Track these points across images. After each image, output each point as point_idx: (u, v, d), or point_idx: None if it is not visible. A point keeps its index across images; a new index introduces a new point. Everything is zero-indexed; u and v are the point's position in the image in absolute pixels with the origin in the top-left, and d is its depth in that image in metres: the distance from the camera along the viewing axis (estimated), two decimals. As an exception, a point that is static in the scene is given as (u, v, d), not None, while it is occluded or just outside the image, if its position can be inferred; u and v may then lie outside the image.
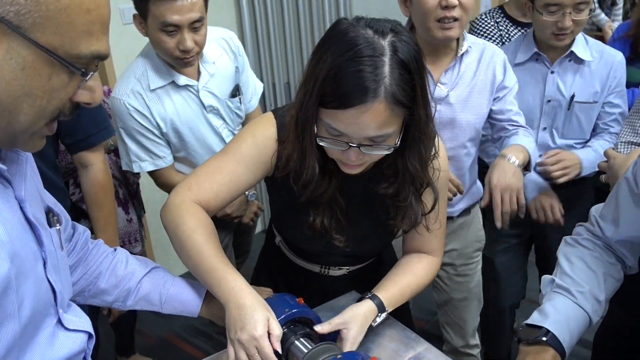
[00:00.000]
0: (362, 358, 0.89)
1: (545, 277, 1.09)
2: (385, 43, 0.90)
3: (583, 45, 1.74)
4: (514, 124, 1.62)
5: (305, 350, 0.94)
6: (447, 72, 1.54)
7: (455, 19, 1.41)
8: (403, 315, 1.27)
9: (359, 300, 1.12)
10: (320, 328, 1.02)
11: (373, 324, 1.10)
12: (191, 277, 1.10)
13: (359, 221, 1.16)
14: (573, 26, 1.60)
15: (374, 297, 1.10)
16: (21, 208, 0.72)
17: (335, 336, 1.05)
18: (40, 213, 0.79)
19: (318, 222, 1.10)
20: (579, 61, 1.73)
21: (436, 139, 1.09)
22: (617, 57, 1.74)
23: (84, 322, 0.83)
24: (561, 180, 1.68)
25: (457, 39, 1.52)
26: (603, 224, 1.07)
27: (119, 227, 1.99)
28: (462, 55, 1.54)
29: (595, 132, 1.80)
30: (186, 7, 1.48)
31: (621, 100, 1.77)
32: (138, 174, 2.10)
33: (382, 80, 0.88)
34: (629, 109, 1.70)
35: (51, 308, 0.77)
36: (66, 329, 0.79)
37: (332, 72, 0.90)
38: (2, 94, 0.60)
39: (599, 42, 1.78)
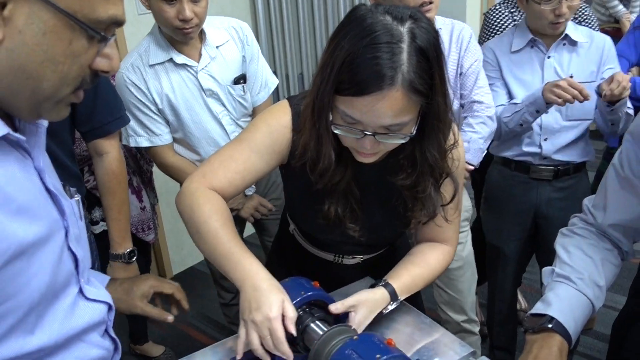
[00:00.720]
0: (379, 339, 0.88)
1: (546, 269, 1.10)
2: (404, 30, 0.88)
3: (574, 28, 1.77)
4: (473, 106, 1.75)
5: (321, 332, 0.94)
6: None
7: (431, 2, 1.53)
8: (416, 303, 1.25)
9: (372, 286, 1.11)
10: (334, 308, 1.01)
11: (384, 311, 1.08)
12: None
13: (373, 212, 1.14)
14: (568, 12, 1.65)
15: (387, 285, 1.09)
16: (41, 179, 0.72)
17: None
18: (59, 184, 0.80)
19: (332, 211, 1.09)
20: (573, 43, 1.76)
21: (454, 127, 1.07)
22: (607, 41, 1.78)
23: (104, 294, 0.85)
24: (625, 94, 1.67)
25: None
26: (595, 212, 1.09)
27: (132, 215, 2.01)
28: None
29: None
30: None
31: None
32: (151, 162, 2.11)
33: (400, 67, 0.86)
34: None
35: (73, 277, 0.77)
36: (87, 298, 0.80)
37: (349, 58, 0.88)
38: (26, 60, 0.61)
39: (585, 28, 1.83)
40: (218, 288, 2.18)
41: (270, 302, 0.91)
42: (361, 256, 1.28)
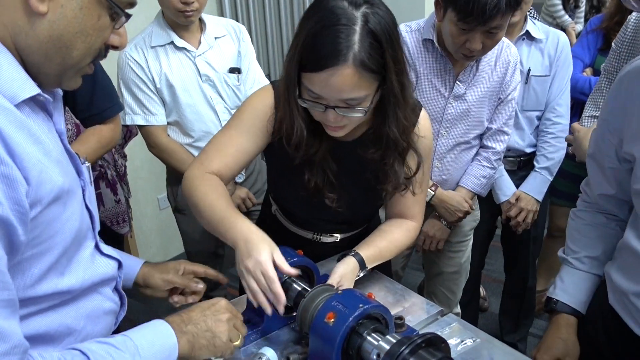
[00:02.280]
0: (360, 293, 0.98)
1: (559, 253, 1.25)
2: (358, 14, 0.98)
3: (533, 25, 1.90)
4: (498, 136, 1.74)
5: (308, 291, 1.03)
6: (465, 71, 1.62)
7: (475, 55, 1.51)
8: (388, 273, 1.37)
9: (343, 256, 1.21)
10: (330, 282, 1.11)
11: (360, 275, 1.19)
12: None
13: (349, 184, 1.24)
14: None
15: (356, 255, 1.19)
16: (61, 140, 0.80)
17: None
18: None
19: (312, 182, 1.18)
20: (532, 39, 1.90)
21: (421, 110, 1.20)
22: (562, 37, 1.92)
23: (115, 252, 0.92)
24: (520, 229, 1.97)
25: None
26: (585, 188, 1.22)
27: (107, 208, 2.04)
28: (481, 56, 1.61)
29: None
30: None
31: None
32: (125, 156, 2.16)
33: (352, 46, 0.96)
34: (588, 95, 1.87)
35: (89, 232, 0.85)
36: (102, 253, 0.89)
37: (309, 38, 0.99)
38: (64, 30, 0.71)
39: (541, 23, 1.95)
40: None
41: (259, 249, 0.99)
42: (338, 234, 1.36)
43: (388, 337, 0.90)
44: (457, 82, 1.62)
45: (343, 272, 1.14)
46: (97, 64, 0.81)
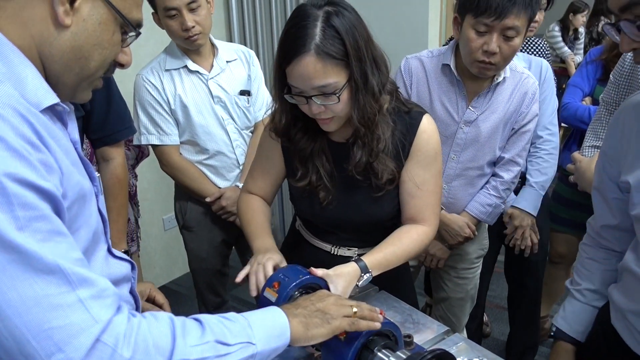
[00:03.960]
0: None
1: (566, 283, 1.30)
2: (320, 12, 1.13)
3: (515, 57, 1.91)
4: (510, 166, 1.75)
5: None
6: (479, 97, 1.65)
7: (493, 64, 1.52)
8: (409, 298, 1.42)
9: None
10: (315, 269, 1.15)
11: (358, 283, 1.20)
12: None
13: (346, 186, 1.30)
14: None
15: (358, 260, 1.23)
16: (75, 149, 0.85)
17: None
18: None
19: (307, 180, 1.30)
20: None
21: (423, 115, 1.29)
22: (544, 62, 1.97)
23: (125, 255, 0.97)
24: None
25: None
26: (592, 222, 1.26)
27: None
28: (497, 84, 1.64)
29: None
30: None
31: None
32: (136, 176, 2.21)
33: (314, 38, 1.10)
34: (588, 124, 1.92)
35: (102, 236, 0.90)
36: (114, 256, 0.93)
37: (282, 37, 1.15)
38: (84, 41, 0.77)
39: (524, 54, 2.00)
40: (199, 301, 2.26)
41: (262, 255, 1.24)
42: (355, 249, 1.40)
43: (398, 353, 0.94)
44: (470, 107, 1.65)
45: (338, 272, 1.17)
46: (109, 80, 0.87)
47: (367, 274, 1.22)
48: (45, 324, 0.63)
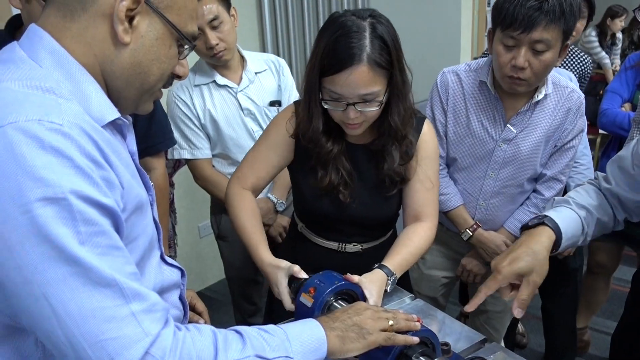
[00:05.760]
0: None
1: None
2: (366, 23, 1.18)
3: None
4: (541, 188, 1.69)
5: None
6: (519, 114, 1.60)
7: (523, 79, 1.47)
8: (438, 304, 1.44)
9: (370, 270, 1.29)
10: (350, 276, 1.19)
11: (387, 288, 1.26)
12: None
13: (364, 185, 1.38)
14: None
15: (381, 267, 1.29)
16: (133, 160, 0.88)
17: None
18: None
19: (327, 180, 1.34)
20: None
21: (424, 120, 1.39)
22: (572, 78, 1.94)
23: (176, 262, 1.00)
24: None
25: None
26: (601, 176, 1.27)
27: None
28: (537, 101, 1.58)
29: None
30: (200, 12, 1.75)
31: None
32: (173, 185, 2.25)
33: (365, 48, 1.16)
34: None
35: (156, 243, 0.93)
36: (166, 262, 0.97)
37: (328, 47, 1.18)
38: (143, 57, 0.81)
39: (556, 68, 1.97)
40: (235, 309, 2.29)
41: (273, 280, 1.26)
42: (361, 244, 1.46)
43: (436, 360, 0.93)
44: (508, 125, 1.61)
45: (370, 279, 1.23)
46: (165, 87, 0.90)
47: (392, 277, 1.28)
48: (100, 335, 0.67)
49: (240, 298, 2.24)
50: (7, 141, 0.65)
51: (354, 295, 1.17)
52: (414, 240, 1.38)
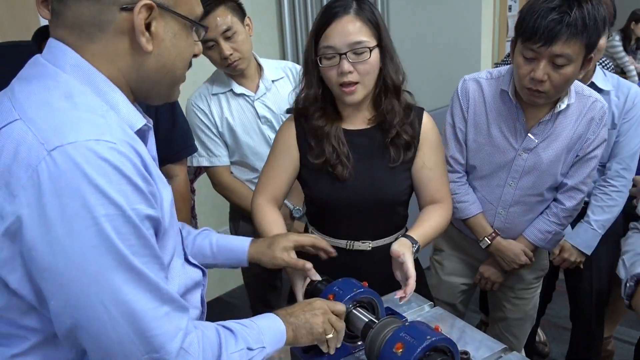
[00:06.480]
0: (427, 326, 1.01)
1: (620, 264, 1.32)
2: (352, 1, 1.34)
3: (603, 76, 1.89)
4: (562, 197, 1.67)
5: (370, 322, 1.08)
6: (540, 124, 1.58)
7: (542, 92, 1.46)
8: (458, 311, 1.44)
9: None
10: (401, 293, 1.24)
11: (415, 254, 1.33)
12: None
13: (363, 165, 1.43)
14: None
15: (406, 236, 1.35)
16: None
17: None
18: None
19: (322, 156, 1.41)
20: (598, 90, 1.81)
21: (423, 111, 1.47)
22: (633, 88, 1.88)
23: (197, 262, 1.04)
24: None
25: None
26: None
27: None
28: (560, 111, 1.57)
29: None
30: (213, 23, 1.79)
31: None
32: (194, 191, 2.28)
33: (352, 4, 1.33)
34: None
35: (179, 245, 0.96)
36: (189, 262, 1.00)
37: (319, 16, 1.36)
38: (167, 58, 0.84)
39: (614, 75, 1.93)
40: (254, 314, 2.29)
41: (292, 281, 1.33)
42: (369, 242, 1.48)
43: (455, 369, 0.93)
44: (530, 134, 1.60)
45: (401, 244, 1.31)
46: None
47: (417, 245, 1.34)
48: (148, 332, 0.76)
49: (258, 304, 2.25)
50: (70, 160, 0.70)
51: (373, 302, 1.18)
52: (433, 217, 1.46)
